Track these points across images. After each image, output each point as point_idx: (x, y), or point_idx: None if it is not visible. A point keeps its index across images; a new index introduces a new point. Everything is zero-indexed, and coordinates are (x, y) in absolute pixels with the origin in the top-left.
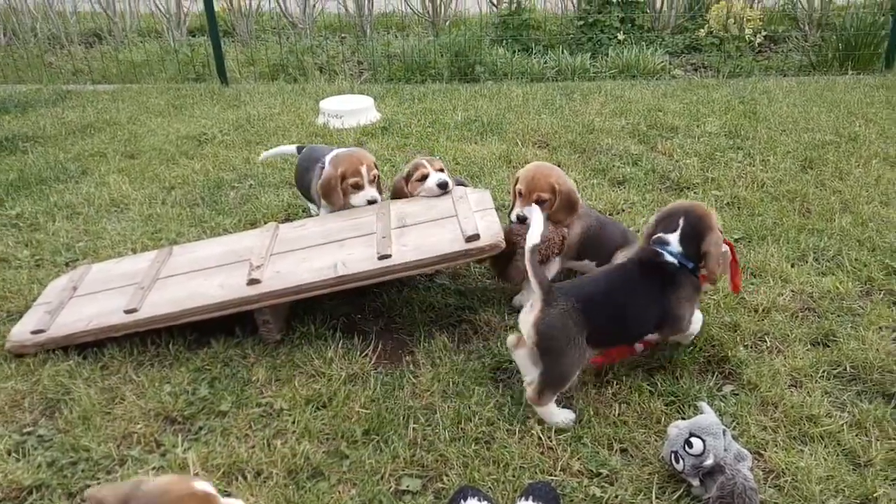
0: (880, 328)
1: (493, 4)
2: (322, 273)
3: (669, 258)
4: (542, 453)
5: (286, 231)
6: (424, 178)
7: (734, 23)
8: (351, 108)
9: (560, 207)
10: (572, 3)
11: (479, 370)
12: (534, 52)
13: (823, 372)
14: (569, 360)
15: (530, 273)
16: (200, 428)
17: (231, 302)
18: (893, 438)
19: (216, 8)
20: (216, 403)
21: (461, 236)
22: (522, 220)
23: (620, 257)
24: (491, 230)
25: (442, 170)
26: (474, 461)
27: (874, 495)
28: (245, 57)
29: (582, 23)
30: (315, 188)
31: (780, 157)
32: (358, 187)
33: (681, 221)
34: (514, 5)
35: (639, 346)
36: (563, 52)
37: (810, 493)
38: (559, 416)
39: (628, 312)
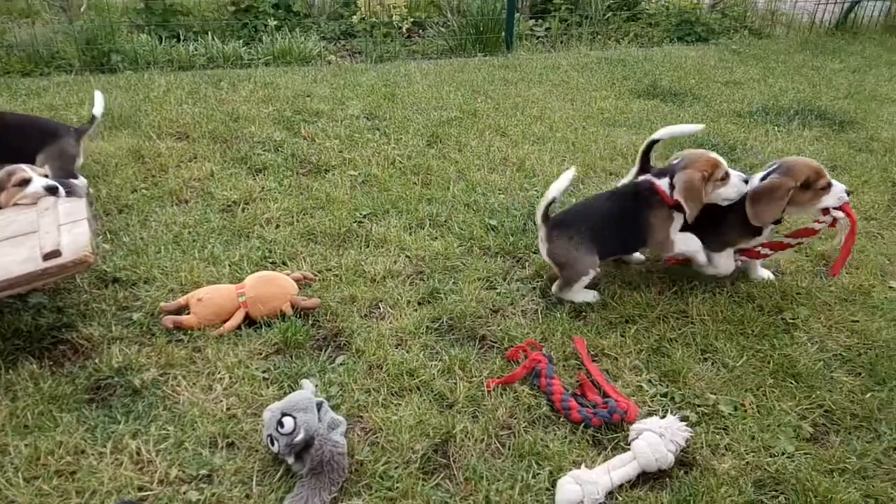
0: (476, 280)
1: None
2: None
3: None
4: (139, 469)
5: None
6: (25, 182)
7: (383, 9)
8: None
9: None
10: None
11: (71, 394)
12: (184, 38)
13: (425, 328)
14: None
15: None
16: None
17: None
18: (475, 377)
19: None
20: None
21: (39, 254)
22: None
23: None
24: (77, 244)
25: (47, 175)
26: (54, 498)
27: (454, 432)
28: None
29: (235, 8)
30: None
31: (411, 135)
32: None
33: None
34: None
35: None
36: (213, 39)
37: (400, 442)
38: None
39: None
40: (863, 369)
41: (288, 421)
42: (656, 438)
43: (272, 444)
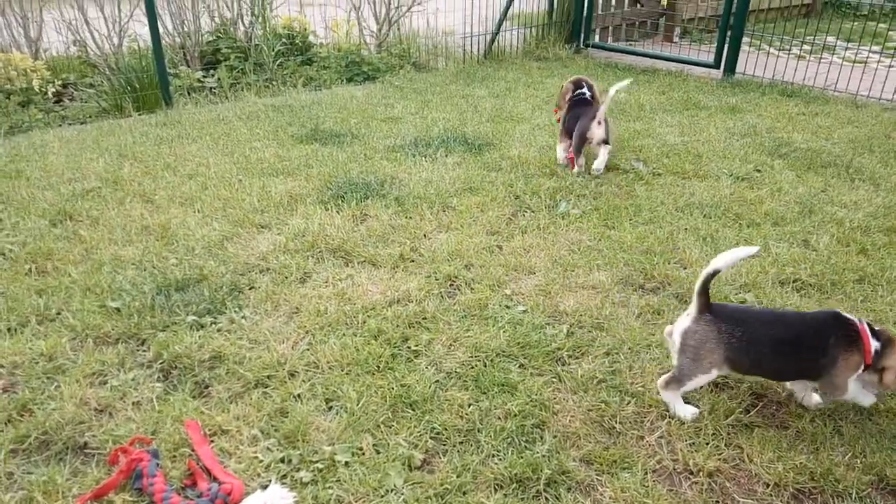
0: (84, 377)
1: None
2: None
3: None
4: None
5: None
6: None
7: (18, 76)
8: None
9: None
10: None
11: None
12: None
13: (5, 454)
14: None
15: None
16: None
17: None
18: (62, 499)
19: None
20: None
21: None
22: None
23: None
24: None
25: None
26: None
27: None
28: None
29: None
30: None
31: (32, 217)
32: None
33: None
34: None
35: None
36: None
37: None
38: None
39: None
40: (471, 382)
41: None
42: None
43: None
